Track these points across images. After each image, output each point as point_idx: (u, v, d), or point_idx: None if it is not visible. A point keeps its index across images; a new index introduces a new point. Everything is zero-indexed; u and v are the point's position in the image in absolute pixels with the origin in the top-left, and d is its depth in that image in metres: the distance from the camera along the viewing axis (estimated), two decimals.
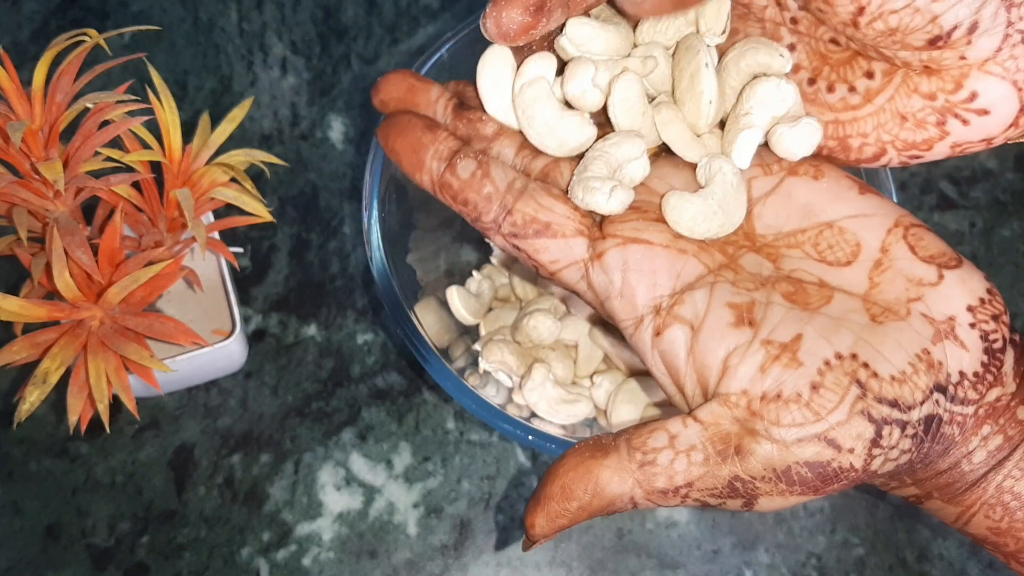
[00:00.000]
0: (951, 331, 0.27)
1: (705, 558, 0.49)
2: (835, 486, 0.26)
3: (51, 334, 0.39)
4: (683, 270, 0.29)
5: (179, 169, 0.43)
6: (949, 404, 0.26)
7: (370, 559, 0.49)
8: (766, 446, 0.26)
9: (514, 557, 0.49)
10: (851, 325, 0.27)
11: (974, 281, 0.28)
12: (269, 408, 0.51)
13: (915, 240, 0.29)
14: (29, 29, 0.61)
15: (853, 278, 0.29)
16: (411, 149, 0.29)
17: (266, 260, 0.55)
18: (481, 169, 0.29)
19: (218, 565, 0.48)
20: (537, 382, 0.44)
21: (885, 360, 0.26)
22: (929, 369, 0.26)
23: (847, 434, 0.25)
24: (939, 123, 0.29)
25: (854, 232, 0.29)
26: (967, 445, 0.27)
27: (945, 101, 0.28)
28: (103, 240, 0.39)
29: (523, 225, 0.29)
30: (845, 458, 0.26)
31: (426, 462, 0.51)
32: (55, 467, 0.50)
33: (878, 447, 0.26)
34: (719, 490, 0.26)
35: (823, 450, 0.25)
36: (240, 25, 0.61)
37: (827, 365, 0.26)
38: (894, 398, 0.26)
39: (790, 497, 0.26)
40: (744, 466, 0.26)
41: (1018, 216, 0.57)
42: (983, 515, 0.27)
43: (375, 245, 0.41)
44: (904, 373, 0.26)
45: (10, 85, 0.39)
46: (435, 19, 0.62)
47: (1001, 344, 0.27)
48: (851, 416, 0.26)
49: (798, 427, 0.26)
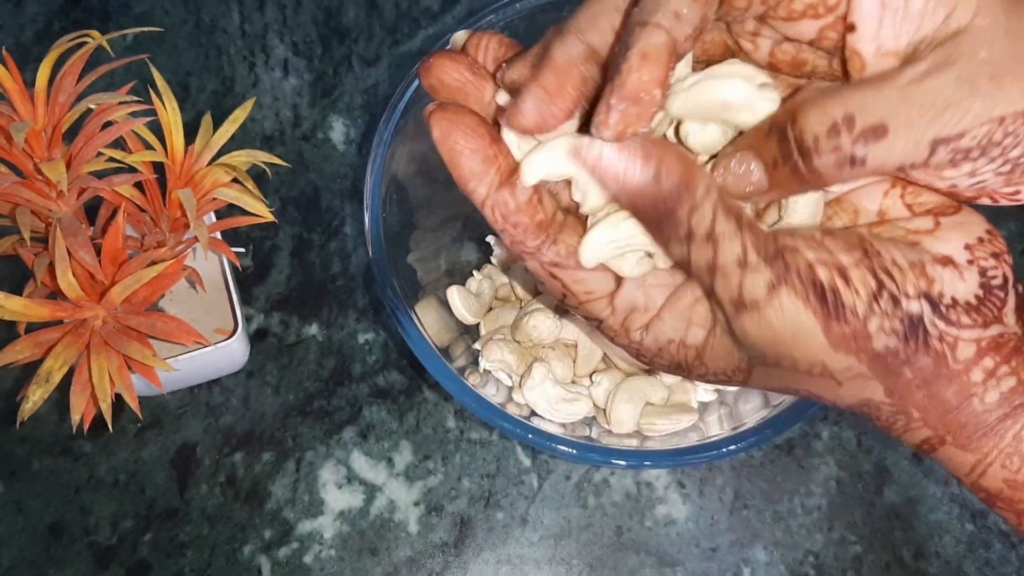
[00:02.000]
0: (949, 262, 0.27)
1: (703, 556, 0.49)
2: (839, 327, 0.26)
3: (54, 333, 0.39)
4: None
5: (181, 169, 0.43)
6: (937, 320, 0.26)
7: (371, 557, 0.49)
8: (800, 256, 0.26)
9: (514, 555, 0.49)
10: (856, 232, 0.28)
11: (972, 224, 0.28)
12: (271, 407, 0.51)
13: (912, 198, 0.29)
14: (32, 30, 0.61)
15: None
16: (475, 157, 0.28)
17: (268, 260, 0.55)
18: (537, 195, 0.28)
19: (220, 563, 0.48)
20: (537, 381, 0.44)
21: (887, 251, 0.27)
22: (922, 276, 0.27)
23: (855, 276, 0.26)
24: None
25: (852, 200, 0.30)
26: (969, 375, 0.26)
27: None
28: (106, 240, 0.40)
29: (567, 255, 0.29)
30: (851, 296, 0.26)
31: (427, 460, 0.51)
32: (58, 466, 0.50)
33: (877, 304, 0.26)
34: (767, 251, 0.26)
35: (836, 277, 0.26)
36: (242, 26, 0.61)
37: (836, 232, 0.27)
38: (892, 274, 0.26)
39: (805, 307, 0.26)
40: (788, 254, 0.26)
41: (1016, 216, 0.57)
42: (1000, 464, 0.27)
43: (376, 245, 0.41)
44: (902, 266, 0.27)
45: (13, 86, 0.39)
46: (436, 21, 0.62)
47: (1001, 281, 0.27)
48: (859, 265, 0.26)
49: (816, 252, 0.26)
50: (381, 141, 0.43)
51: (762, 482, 0.51)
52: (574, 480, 0.51)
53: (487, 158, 0.28)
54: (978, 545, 0.50)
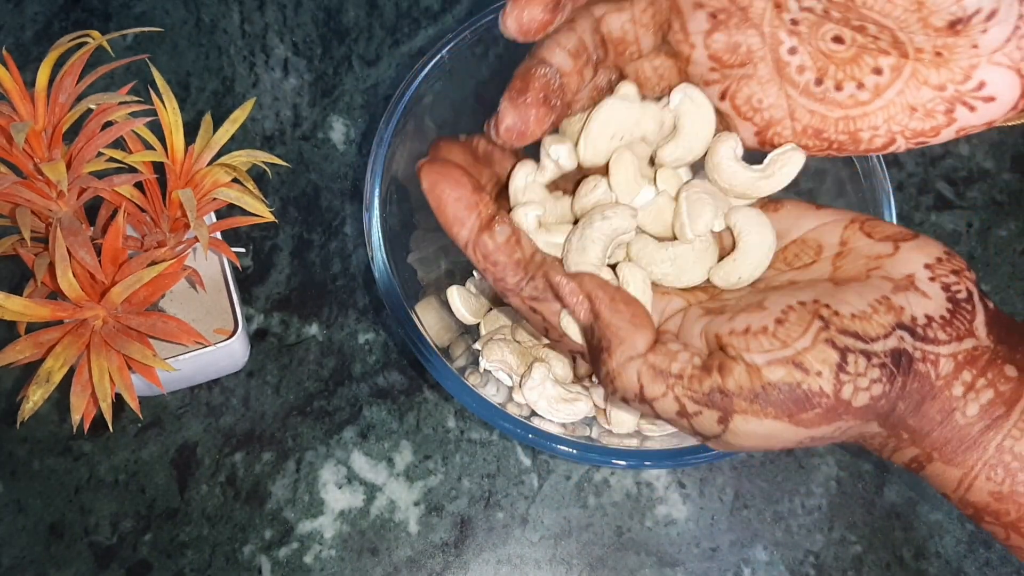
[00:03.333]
0: (911, 284, 0.28)
1: (704, 556, 0.49)
2: (810, 413, 0.27)
3: (54, 333, 0.39)
4: (667, 307, 0.32)
5: (181, 170, 0.43)
6: (917, 342, 0.27)
7: (371, 557, 0.49)
8: (740, 367, 0.28)
9: (514, 555, 0.49)
10: (813, 287, 0.29)
11: (930, 246, 0.30)
12: (271, 407, 0.51)
13: (871, 228, 0.31)
14: (32, 30, 0.61)
15: (818, 271, 0.31)
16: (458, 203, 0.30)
17: (268, 260, 0.55)
18: (515, 236, 0.31)
19: (220, 563, 0.48)
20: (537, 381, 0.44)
21: (845, 303, 0.28)
22: (889, 311, 0.27)
23: (813, 358, 0.27)
24: (948, 111, 0.30)
25: (815, 238, 0.32)
26: (951, 389, 0.27)
27: (954, 91, 0.30)
28: (106, 240, 0.40)
29: (543, 290, 0.31)
30: (814, 381, 0.27)
31: (427, 460, 0.51)
32: (58, 466, 0.50)
33: (845, 372, 0.27)
34: (700, 396, 0.28)
35: (791, 371, 0.27)
36: (242, 27, 0.61)
37: (790, 308, 0.28)
38: (855, 331, 0.27)
39: (764, 420, 0.27)
40: (725, 381, 0.28)
41: (1015, 216, 0.57)
42: (984, 477, 0.28)
43: (376, 245, 0.41)
44: (864, 312, 0.28)
45: (13, 86, 0.39)
46: (436, 21, 0.62)
47: (966, 295, 0.28)
48: (815, 343, 0.27)
49: (766, 352, 0.27)
50: (381, 141, 0.43)
51: (762, 482, 0.51)
52: (574, 480, 0.51)
53: (469, 205, 0.30)
54: (978, 545, 0.50)
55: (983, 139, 0.60)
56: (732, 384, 0.27)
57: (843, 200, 0.43)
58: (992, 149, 0.59)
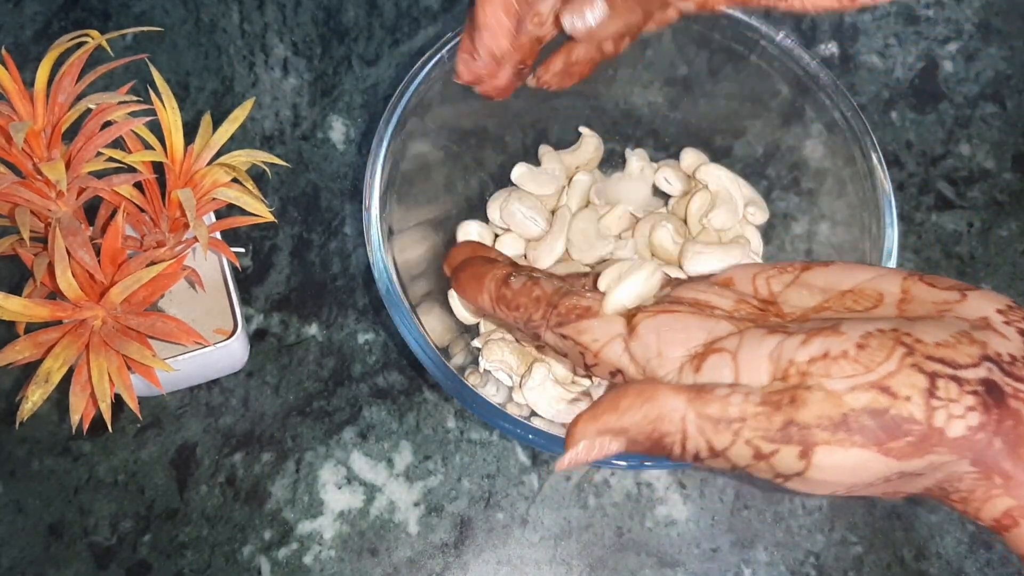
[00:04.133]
0: (988, 325, 0.26)
1: (704, 556, 0.49)
2: (901, 442, 0.25)
3: (53, 334, 0.39)
4: (715, 328, 0.29)
5: (181, 169, 0.43)
6: (1006, 378, 0.25)
7: (371, 557, 0.49)
8: (819, 395, 0.25)
9: (514, 555, 0.49)
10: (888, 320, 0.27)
11: (996, 295, 0.28)
12: (270, 407, 0.51)
13: (932, 280, 0.29)
14: (31, 30, 0.61)
15: (884, 312, 0.29)
16: (474, 277, 0.34)
17: (267, 260, 0.55)
18: (531, 280, 0.33)
19: (220, 563, 0.48)
20: (537, 381, 0.44)
21: (927, 333, 0.26)
22: (973, 343, 0.25)
23: (900, 383, 0.25)
24: None
25: (873, 287, 0.30)
26: None
27: None
28: (105, 240, 0.40)
29: (566, 312, 0.32)
30: (903, 406, 0.25)
31: (427, 461, 0.51)
32: (57, 466, 0.50)
33: (936, 398, 0.24)
34: (772, 433, 0.26)
35: (878, 397, 0.25)
36: (242, 26, 0.61)
37: (869, 334, 0.26)
38: (941, 357, 0.25)
39: (851, 450, 0.25)
40: (798, 413, 0.26)
41: (1015, 216, 0.57)
42: None
43: (376, 245, 0.41)
44: (948, 342, 0.25)
45: (13, 86, 0.39)
46: (435, 20, 0.62)
47: None
48: (901, 367, 0.25)
49: (849, 378, 0.25)
50: (381, 141, 0.43)
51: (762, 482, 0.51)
52: (574, 480, 0.50)
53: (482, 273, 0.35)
54: (979, 545, 0.50)
55: (984, 139, 0.60)
56: (809, 415, 0.25)
57: (843, 200, 0.43)
58: (993, 149, 0.59)
